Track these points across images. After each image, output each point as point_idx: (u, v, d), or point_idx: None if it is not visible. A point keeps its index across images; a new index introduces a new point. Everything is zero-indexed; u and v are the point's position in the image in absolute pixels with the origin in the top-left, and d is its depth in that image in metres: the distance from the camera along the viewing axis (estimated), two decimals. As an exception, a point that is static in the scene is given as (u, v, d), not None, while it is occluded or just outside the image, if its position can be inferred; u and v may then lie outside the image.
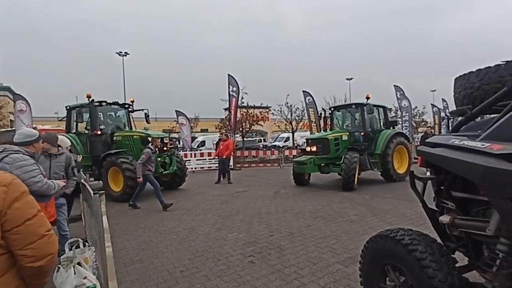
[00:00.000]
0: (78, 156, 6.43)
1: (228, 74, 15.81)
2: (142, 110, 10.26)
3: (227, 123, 19.06)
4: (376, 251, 2.11)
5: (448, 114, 17.26)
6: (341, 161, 8.62)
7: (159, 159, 8.65)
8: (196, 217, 6.07)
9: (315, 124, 17.57)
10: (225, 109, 21.47)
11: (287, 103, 23.88)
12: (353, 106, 10.19)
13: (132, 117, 10.38)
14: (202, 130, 40.06)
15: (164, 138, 9.19)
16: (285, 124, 24.73)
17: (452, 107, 2.50)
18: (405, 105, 18.17)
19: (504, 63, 1.86)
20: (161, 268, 3.69)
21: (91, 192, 3.09)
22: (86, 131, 9.24)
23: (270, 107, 28.24)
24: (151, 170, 7.23)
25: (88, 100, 8.98)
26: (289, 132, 25.30)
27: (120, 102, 10.03)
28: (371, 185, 9.25)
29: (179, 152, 11.97)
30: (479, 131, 1.69)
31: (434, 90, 40.91)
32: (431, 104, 25.51)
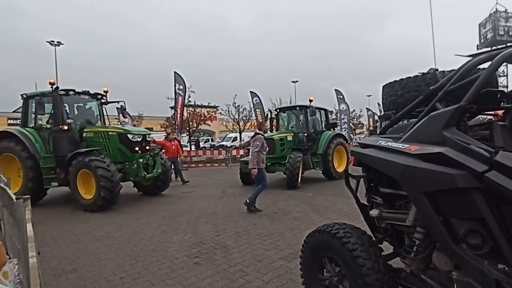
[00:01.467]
0: None
1: (175, 72, 15.34)
2: (118, 102, 8.70)
3: (173, 122, 18.49)
4: (315, 245, 2.25)
5: (377, 118, 18.96)
6: (286, 161, 8.94)
7: (141, 160, 7.48)
8: (139, 220, 5.79)
9: (262, 125, 17.89)
10: (171, 108, 20.80)
11: (235, 103, 24.03)
12: (298, 108, 10.67)
13: (105, 110, 8.67)
14: (147, 129, 38.15)
15: (147, 136, 7.82)
16: (233, 124, 24.83)
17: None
18: (343, 108, 19.51)
19: (420, 74, 2.13)
20: (98, 276, 3.45)
21: (13, 197, 2.77)
22: (48, 126, 7.54)
23: (218, 106, 28.10)
24: (264, 162, 6.31)
25: (51, 87, 7.19)
26: (237, 132, 25.46)
27: (92, 92, 8.23)
28: (313, 183, 9.76)
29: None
30: (401, 134, 1.91)
31: (370, 95, 44.55)
32: (367, 108, 27.80)
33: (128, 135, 7.33)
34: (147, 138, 7.74)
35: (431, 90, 1.88)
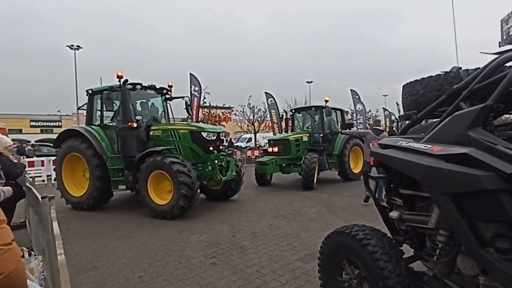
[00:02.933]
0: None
1: (190, 73, 15.52)
2: (182, 98, 7.97)
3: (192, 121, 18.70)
4: (333, 247, 2.23)
5: (397, 118, 18.58)
6: (302, 162, 8.89)
7: (216, 161, 6.62)
8: (156, 220, 5.88)
9: (277, 125, 17.89)
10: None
11: (250, 104, 24.09)
12: (313, 109, 10.58)
13: (170, 107, 7.94)
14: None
15: (221, 134, 6.94)
16: (248, 125, 24.90)
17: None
18: (359, 108, 19.22)
19: (443, 73, 2.08)
20: (118, 274, 3.54)
21: (39, 196, 2.88)
22: (112, 124, 6.99)
23: (233, 107, 28.26)
24: None
25: (119, 81, 6.56)
26: (252, 133, 25.51)
27: (157, 86, 7.54)
28: (329, 184, 9.65)
29: None
30: (423, 134, 1.86)
31: (386, 95, 43.77)
32: (383, 108, 27.25)
33: (202, 133, 6.53)
34: (221, 137, 6.87)
35: (455, 89, 1.83)
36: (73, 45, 29.18)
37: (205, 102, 22.46)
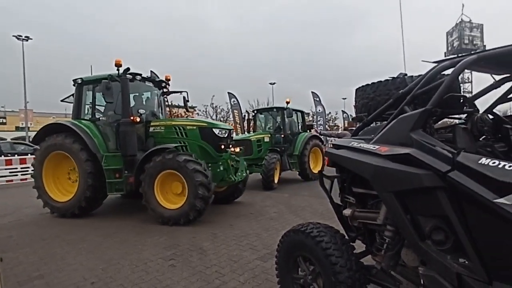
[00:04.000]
0: None
1: (151, 71, 14.99)
2: (180, 92, 7.40)
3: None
4: (290, 245, 2.29)
5: (351, 120, 19.56)
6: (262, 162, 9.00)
7: (229, 161, 6.22)
8: (113, 222, 5.60)
9: (239, 126, 17.93)
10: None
11: (213, 103, 23.89)
12: (275, 110, 10.77)
13: (168, 102, 7.30)
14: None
15: (231, 131, 6.47)
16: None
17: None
18: (320, 110, 19.92)
19: (391, 79, 2.23)
20: (67, 282, 3.31)
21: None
22: (105, 118, 6.28)
23: (196, 107, 27.82)
24: None
25: (117, 69, 5.77)
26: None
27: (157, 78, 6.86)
28: (290, 184, 9.87)
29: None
30: (372, 135, 1.98)
31: (345, 98, 45.80)
32: (342, 110, 28.51)
33: (214, 129, 5.97)
34: (231, 135, 6.42)
35: (400, 94, 1.97)
36: (20, 36, 26.84)
37: (166, 101, 21.81)
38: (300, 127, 11.09)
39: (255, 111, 11.52)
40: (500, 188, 1.27)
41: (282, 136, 10.10)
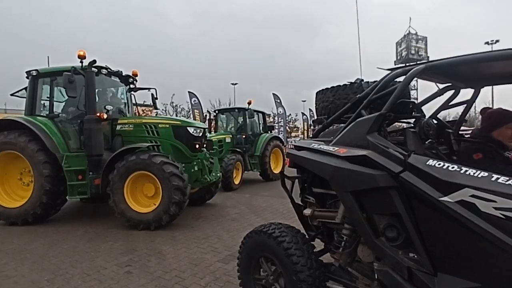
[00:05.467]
0: None
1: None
2: (149, 89, 6.92)
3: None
4: (252, 246, 2.29)
5: (312, 122, 20.28)
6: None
7: (204, 161, 5.92)
8: (60, 228, 5.18)
9: (200, 126, 17.63)
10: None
11: (172, 102, 23.23)
12: (236, 110, 10.78)
13: (135, 98, 6.81)
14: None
15: (206, 130, 6.25)
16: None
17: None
18: (280, 112, 20.31)
19: (349, 83, 2.34)
20: (7, 296, 3.00)
21: None
22: (64, 115, 5.72)
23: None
24: None
25: (81, 61, 5.30)
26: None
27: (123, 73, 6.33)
28: (251, 184, 9.92)
29: None
30: (332, 137, 2.06)
31: (305, 101, 47.17)
32: (302, 112, 29.38)
33: (188, 128, 5.68)
34: (206, 133, 6.19)
35: (357, 98, 2.07)
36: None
37: (133, 98, 20.77)
38: (261, 128, 11.21)
39: (217, 111, 11.42)
40: (445, 187, 1.39)
41: (244, 136, 10.13)
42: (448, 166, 1.43)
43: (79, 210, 6.57)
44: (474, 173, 1.36)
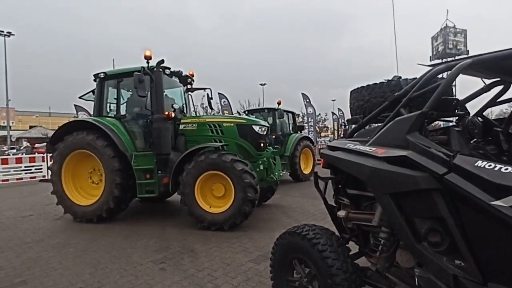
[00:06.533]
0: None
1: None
2: (204, 89, 7.01)
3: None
4: (285, 247, 2.27)
5: (345, 122, 19.78)
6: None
7: (264, 160, 5.82)
8: (98, 225, 5.47)
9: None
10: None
11: (203, 104, 23.70)
12: (266, 111, 10.78)
13: (192, 99, 6.92)
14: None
15: (269, 129, 6.25)
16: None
17: (347, 115, 2.90)
18: (310, 111, 20.03)
19: (386, 81, 2.25)
20: (53, 287, 3.21)
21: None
22: (128, 115, 5.92)
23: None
24: None
25: (147, 62, 5.43)
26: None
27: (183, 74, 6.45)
28: (281, 185, 9.81)
29: None
30: (368, 137, 1.99)
31: (334, 100, 46.29)
32: (332, 112, 28.78)
33: (254, 126, 5.64)
34: (269, 132, 6.17)
35: (396, 96, 1.98)
36: (2, 31, 26.06)
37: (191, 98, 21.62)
38: (291, 128, 11.13)
39: (247, 112, 11.50)
40: (496, 191, 1.29)
41: (274, 137, 10.11)
42: (501, 168, 1.32)
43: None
44: (531, 176, 1.25)
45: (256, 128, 5.66)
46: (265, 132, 5.87)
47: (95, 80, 6.14)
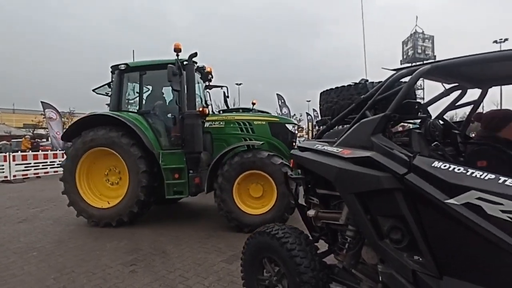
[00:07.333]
0: None
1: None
2: (221, 87, 6.78)
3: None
4: (255, 246, 2.29)
5: (316, 123, 20.24)
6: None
7: None
8: (67, 227, 5.24)
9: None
10: (108, 105, 19.36)
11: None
12: (241, 111, 10.75)
13: (210, 96, 6.61)
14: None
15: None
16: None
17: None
18: (285, 112, 20.28)
19: (353, 84, 2.32)
20: (14, 294, 3.04)
21: None
22: (150, 111, 5.49)
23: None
24: None
25: (176, 54, 5.03)
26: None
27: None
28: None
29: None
30: (336, 138, 2.04)
31: (309, 100, 47.09)
32: (306, 112, 29.28)
33: (287, 125, 5.49)
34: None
35: (362, 99, 2.05)
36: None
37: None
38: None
39: (221, 112, 11.44)
40: (450, 190, 1.37)
41: (248, 137, 10.11)
42: (454, 168, 1.41)
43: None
44: (480, 175, 1.34)
45: (290, 126, 5.55)
46: (296, 131, 5.76)
47: (112, 72, 5.70)
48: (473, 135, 2.44)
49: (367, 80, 2.30)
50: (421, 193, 1.46)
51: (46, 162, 12.81)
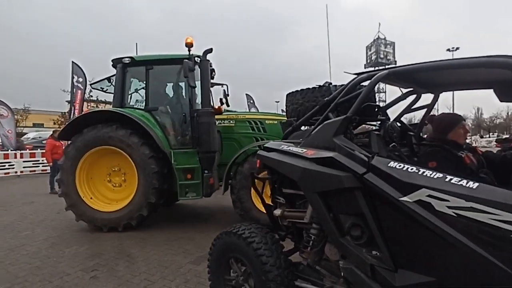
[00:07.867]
0: None
1: (73, 62, 13.55)
2: (222, 85, 6.39)
3: (70, 117, 16.30)
4: (222, 247, 2.29)
5: (281, 124, 20.54)
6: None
7: None
8: (19, 233, 4.88)
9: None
10: (68, 102, 18.32)
11: (137, 101, 22.67)
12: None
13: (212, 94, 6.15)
14: (35, 125, 32.79)
15: None
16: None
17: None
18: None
19: (317, 86, 2.40)
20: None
21: None
22: (162, 108, 5.21)
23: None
24: None
25: (188, 50, 4.77)
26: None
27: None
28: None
29: None
30: (301, 139, 2.10)
31: (278, 101, 47.68)
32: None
33: None
34: None
35: (325, 101, 2.13)
36: None
37: (91, 96, 20.11)
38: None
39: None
40: (404, 188, 1.47)
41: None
42: (408, 168, 1.51)
43: (41, 213, 6.22)
44: (430, 174, 1.45)
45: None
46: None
47: (114, 66, 5.36)
48: (426, 136, 2.62)
49: (331, 83, 2.39)
50: (379, 191, 1.54)
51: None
